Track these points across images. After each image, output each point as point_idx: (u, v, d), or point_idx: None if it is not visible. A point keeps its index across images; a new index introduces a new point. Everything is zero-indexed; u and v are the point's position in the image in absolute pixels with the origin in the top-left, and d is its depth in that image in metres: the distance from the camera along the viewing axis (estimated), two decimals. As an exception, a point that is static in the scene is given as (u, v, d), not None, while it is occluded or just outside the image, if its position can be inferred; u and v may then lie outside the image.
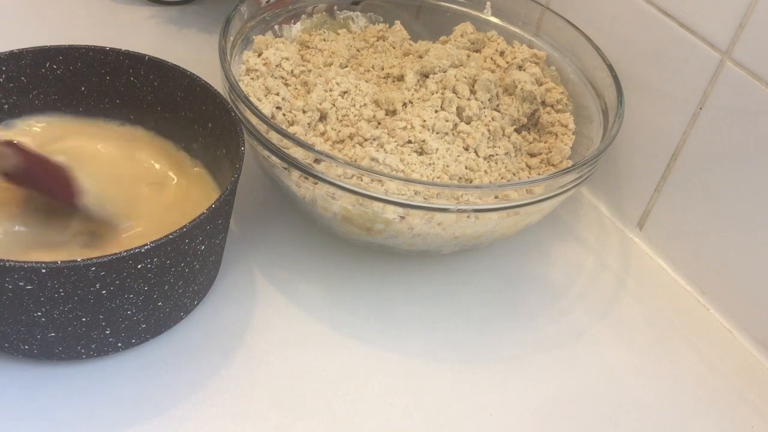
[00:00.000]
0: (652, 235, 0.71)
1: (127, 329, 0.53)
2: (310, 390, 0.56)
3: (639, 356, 0.63)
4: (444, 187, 0.56)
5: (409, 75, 0.67)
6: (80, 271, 0.47)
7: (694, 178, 0.66)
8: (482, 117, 0.64)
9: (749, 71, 0.60)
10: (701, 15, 0.63)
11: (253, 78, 0.65)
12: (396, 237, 0.59)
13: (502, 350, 0.61)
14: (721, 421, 0.59)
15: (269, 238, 0.66)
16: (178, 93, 0.63)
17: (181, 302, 0.56)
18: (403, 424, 0.55)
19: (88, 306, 0.50)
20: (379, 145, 0.61)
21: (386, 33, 0.75)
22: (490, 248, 0.69)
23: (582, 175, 0.60)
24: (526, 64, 0.71)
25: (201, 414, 0.53)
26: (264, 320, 0.60)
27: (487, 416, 0.57)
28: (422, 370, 0.59)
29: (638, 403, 0.59)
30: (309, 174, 0.57)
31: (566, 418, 0.57)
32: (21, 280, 0.47)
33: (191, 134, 0.64)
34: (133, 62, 0.63)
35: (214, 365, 0.56)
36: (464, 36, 0.73)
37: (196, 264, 0.54)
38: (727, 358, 0.64)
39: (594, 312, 0.65)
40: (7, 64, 0.61)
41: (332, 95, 0.64)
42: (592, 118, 0.68)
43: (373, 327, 0.61)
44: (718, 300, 0.67)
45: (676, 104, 0.66)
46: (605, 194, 0.75)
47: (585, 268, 0.69)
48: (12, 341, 0.52)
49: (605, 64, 0.69)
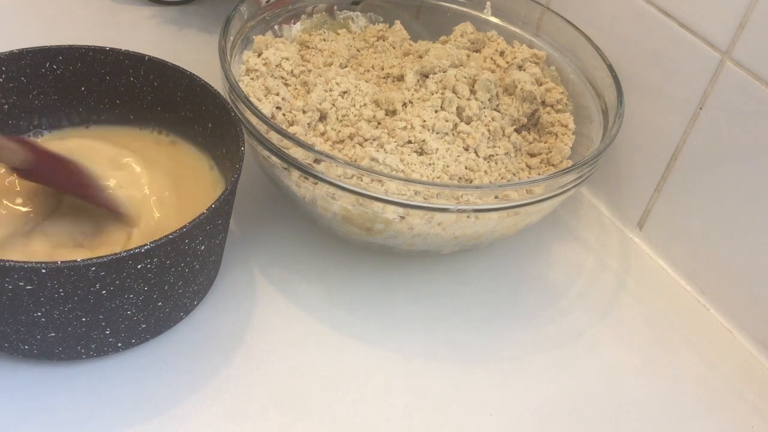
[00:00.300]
0: (652, 235, 0.71)
1: (127, 329, 0.53)
2: (310, 390, 0.56)
3: (639, 356, 0.63)
4: (444, 187, 0.56)
5: (409, 75, 0.67)
6: (80, 271, 0.47)
7: (694, 178, 0.66)
8: (482, 117, 0.64)
9: (749, 71, 0.60)
10: (701, 15, 0.63)
11: (253, 78, 0.65)
12: (396, 237, 0.59)
13: (502, 350, 0.61)
14: (721, 421, 0.59)
15: (269, 238, 0.66)
16: (178, 93, 0.63)
17: (181, 302, 0.56)
18: (403, 424, 0.55)
19: (88, 306, 0.50)
20: (379, 145, 0.61)
21: (386, 33, 0.75)
22: (490, 248, 0.69)
23: (582, 175, 0.60)
24: (526, 64, 0.71)
25: (201, 414, 0.53)
26: (264, 320, 0.60)
27: (487, 416, 0.57)
28: (422, 370, 0.59)
29: (638, 403, 0.59)
30: (309, 174, 0.56)
31: (566, 418, 0.57)
32: (21, 280, 0.47)
33: (191, 134, 0.64)
34: (133, 62, 0.63)
35: (214, 365, 0.56)
36: (464, 36, 0.73)
37: (196, 264, 0.54)
38: (727, 358, 0.64)
39: (594, 312, 0.65)
40: (7, 64, 0.61)
41: (332, 95, 0.64)
42: (592, 118, 0.68)
43: (373, 327, 0.61)
44: (718, 300, 0.67)
45: (676, 104, 0.66)
46: (605, 194, 0.75)
47: (585, 268, 0.69)
48: (12, 341, 0.52)
49: (605, 64, 0.69)
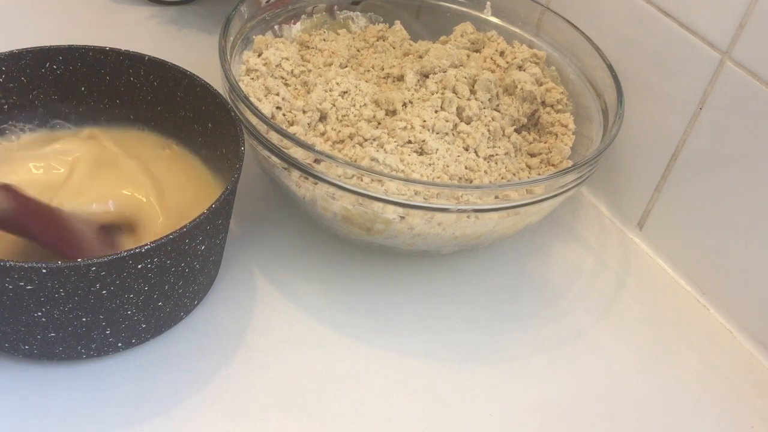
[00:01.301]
0: (652, 235, 0.71)
1: (128, 329, 0.53)
2: (310, 390, 0.56)
3: (639, 356, 0.63)
4: (444, 187, 0.56)
5: (409, 75, 0.67)
6: (80, 271, 0.47)
7: (694, 178, 0.66)
8: (482, 117, 0.64)
9: (749, 71, 0.60)
10: (701, 15, 0.63)
11: (253, 78, 0.65)
12: (396, 237, 0.59)
13: (502, 350, 0.61)
14: (721, 421, 0.59)
15: (269, 238, 0.66)
16: (178, 93, 0.63)
17: (181, 302, 0.56)
18: (403, 424, 0.55)
19: (88, 306, 0.50)
20: (379, 145, 0.61)
21: (386, 33, 0.75)
22: (490, 248, 0.68)
23: (582, 175, 0.60)
24: (526, 64, 0.71)
25: (201, 414, 0.53)
26: (264, 320, 0.60)
27: (487, 416, 0.57)
28: (422, 370, 0.59)
29: (638, 403, 0.59)
30: (309, 174, 0.56)
31: (566, 418, 0.57)
32: (21, 280, 0.47)
33: (191, 134, 0.64)
34: (133, 62, 0.63)
35: (214, 365, 0.56)
36: (464, 36, 0.73)
37: (196, 264, 0.54)
38: (727, 358, 0.64)
39: (594, 312, 0.65)
40: (7, 64, 0.60)
41: (332, 95, 0.64)
42: (592, 118, 0.68)
43: (373, 327, 0.61)
44: (718, 300, 0.67)
45: (676, 104, 0.66)
46: (605, 194, 0.75)
47: (585, 268, 0.69)
48: (12, 341, 0.52)
49: (605, 64, 0.69)
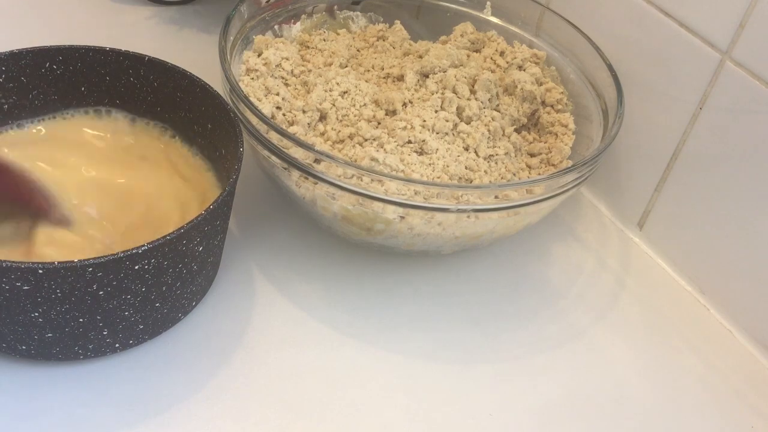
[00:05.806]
0: (652, 235, 0.71)
1: (125, 330, 0.53)
2: (310, 390, 0.56)
3: (639, 356, 0.63)
4: (444, 187, 0.55)
5: (409, 75, 0.67)
6: (77, 271, 0.47)
7: (694, 178, 0.66)
8: (482, 117, 0.64)
9: (749, 71, 0.60)
10: (701, 15, 0.62)
11: (253, 78, 0.65)
12: (396, 237, 0.59)
13: (502, 350, 0.61)
14: (721, 421, 0.59)
15: (269, 238, 0.66)
16: (178, 93, 0.63)
17: (179, 303, 0.56)
18: (403, 424, 0.55)
19: (85, 307, 0.50)
20: (379, 145, 0.61)
21: (386, 33, 0.75)
22: (490, 248, 0.68)
23: (582, 175, 0.60)
24: (526, 64, 0.71)
25: (200, 414, 0.53)
26: (264, 320, 0.60)
27: (487, 416, 0.57)
28: (422, 370, 0.59)
29: (638, 403, 0.59)
30: (309, 174, 0.56)
31: (566, 418, 0.57)
32: (18, 280, 0.47)
33: (191, 135, 0.64)
34: (133, 62, 0.63)
35: (213, 366, 0.56)
36: (464, 36, 0.73)
37: (194, 265, 0.54)
38: (727, 358, 0.64)
39: (594, 312, 0.65)
40: (7, 64, 0.60)
41: (332, 95, 0.64)
42: (592, 118, 0.68)
43: (373, 327, 0.61)
44: (718, 300, 0.67)
45: (676, 104, 0.66)
46: (605, 194, 0.75)
47: (585, 268, 0.69)
48: (9, 342, 0.52)
49: (605, 64, 0.69)
